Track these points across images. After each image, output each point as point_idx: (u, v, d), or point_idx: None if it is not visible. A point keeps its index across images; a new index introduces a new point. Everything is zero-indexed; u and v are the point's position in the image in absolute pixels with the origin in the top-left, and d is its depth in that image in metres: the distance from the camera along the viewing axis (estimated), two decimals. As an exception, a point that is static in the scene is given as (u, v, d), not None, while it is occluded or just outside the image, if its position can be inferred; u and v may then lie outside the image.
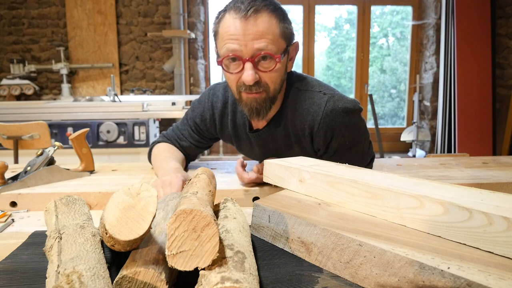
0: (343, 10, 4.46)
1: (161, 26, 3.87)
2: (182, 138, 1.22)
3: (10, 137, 2.19)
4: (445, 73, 3.69)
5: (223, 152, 4.02)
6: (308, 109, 1.00)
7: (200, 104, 1.20)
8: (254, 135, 1.10)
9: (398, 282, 0.47)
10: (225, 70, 0.97)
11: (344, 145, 1.01)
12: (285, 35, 0.95)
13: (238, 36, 0.90)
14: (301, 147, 1.07)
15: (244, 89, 0.95)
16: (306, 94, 1.03)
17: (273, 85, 0.97)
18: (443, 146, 3.75)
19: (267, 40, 0.90)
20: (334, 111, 0.97)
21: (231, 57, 0.93)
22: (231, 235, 0.54)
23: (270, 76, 0.95)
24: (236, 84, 0.97)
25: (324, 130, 0.99)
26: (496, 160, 1.34)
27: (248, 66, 0.92)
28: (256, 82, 0.94)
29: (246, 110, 1.00)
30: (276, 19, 0.92)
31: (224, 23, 0.93)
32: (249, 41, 0.90)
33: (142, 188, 0.51)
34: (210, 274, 0.43)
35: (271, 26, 0.91)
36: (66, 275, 0.41)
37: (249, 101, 0.98)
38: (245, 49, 0.90)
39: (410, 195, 0.56)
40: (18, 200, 0.94)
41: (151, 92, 3.86)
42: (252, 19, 0.89)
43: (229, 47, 0.91)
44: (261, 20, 0.90)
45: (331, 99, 0.98)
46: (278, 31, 0.93)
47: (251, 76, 0.91)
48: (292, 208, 0.66)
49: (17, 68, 3.79)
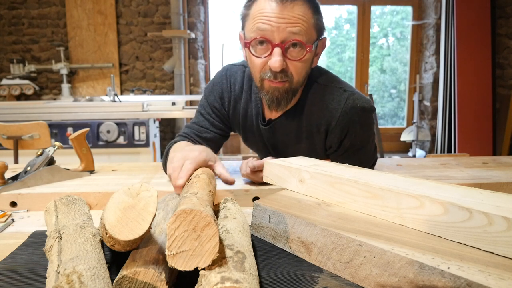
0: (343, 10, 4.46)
1: (161, 26, 3.87)
2: (202, 130, 1.13)
3: (10, 137, 2.19)
4: (445, 73, 3.69)
5: (223, 152, 4.02)
6: (327, 104, 0.99)
7: (216, 86, 1.14)
8: (266, 127, 1.08)
9: (398, 282, 0.47)
10: (252, 53, 0.93)
11: (355, 144, 1.01)
12: (317, 27, 0.93)
13: (271, 17, 0.87)
14: (310, 143, 1.06)
15: (269, 76, 0.92)
16: (326, 89, 1.01)
17: (298, 77, 0.94)
18: (443, 146, 3.75)
19: (301, 26, 0.88)
20: (353, 109, 0.97)
21: (259, 40, 0.90)
22: (231, 235, 0.54)
23: (296, 66, 0.92)
24: (261, 70, 0.94)
25: (340, 127, 0.98)
26: (496, 160, 1.34)
27: (277, 51, 0.88)
28: (282, 70, 0.91)
29: (267, 98, 0.97)
30: (311, 10, 0.90)
31: (258, 4, 0.90)
32: (282, 24, 0.87)
33: (142, 188, 0.51)
34: (210, 274, 0.42)
35: (306, 14, 0.89)
36: (66, 275, 0.41)
37: (271, 89, 0.95)
38: (277, 32, 0.87)
39: (410, 195, 0.56)
40: (18, 200, 0.94)
41: (151, 92, 3.86)
42: (289, 5, 0.87)
43: (260, 26, 0.88)
44: (298, 7, 0.88)
45: (351, 96, 0.98)
46: (312, 21, 0.91)
47: (279, 62, 0.88)
48: (292, 208, 0.66)
49: (17, 68, 3.79)
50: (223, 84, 1.13)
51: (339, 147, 1.02)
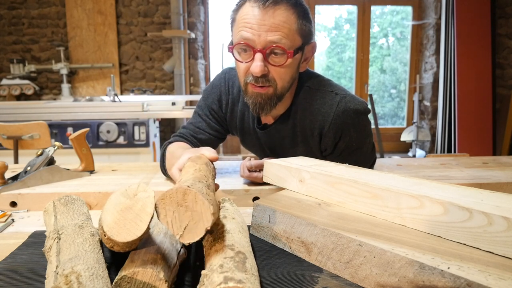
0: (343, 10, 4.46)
1: (161, 26, 3.87)
2: (198, 131, 1.14)
3: (10, 137, 2.19)
4: (445, 73, 3.69)
5: (223, 152, 4.02)
6: (319, 109, 1.00)
7: (215, 89, 1.15)
8: (262, 132, 1.09)
9: (398, 282, 0.47)
10: (236, 58, 0.95)
11: (350, 146, 1.01)
12: (302, 32, 0.93)
13: (253, 25, 0.89)
14: (306, 146, 1.07)
15: (250, 80, 0.94)
16: (317, 93, 1.02)
17: (281, 82, 0.95)
18: (443, 146, 3.75)
19: (281, 33, 0.89)
20: (345, 112, 0.97)
21: (242, 46, 0.92)
22: (231, 235, 0.54)
23: (279, 71, 0.93)
24: (245, 74, 0.95)
25: (334, 131, 0.98)
26: (496, 160, 1.34)
27: (258, 57, 0.90)
28: (264, 75, 0.92)
29: (250, 103, 0.99)
30: (295, 14, 0.90)
31: (242, 10, 0.92)
32: (263, 32, 0.88)
33: (139, 189, 0.51)
34: (212, 274, 0.42)
35: (288, 20, 0.89)
36: (65, 276, 0.41)
37: (254, 95, 0.96)
38: (258, 39, 0.89)
39: (410, 195, 0.56)
40: (18, 200, 0.93)
41: (151, 92, 3.86)
42: (271, 10, 0.87)
43: (243, 34, 0.90)
44: (279, 13, 0.88)
45: (343, 99, 0.98)
46: (295, 27, 0.91)
47: (259, 68, 0.89)
48: (292, 208, 0.66)
49: (17, 68, 3.79)
50: (221, 86, 1.14)
51: (334, 150, 1.03)
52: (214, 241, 0.52)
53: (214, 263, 0.45)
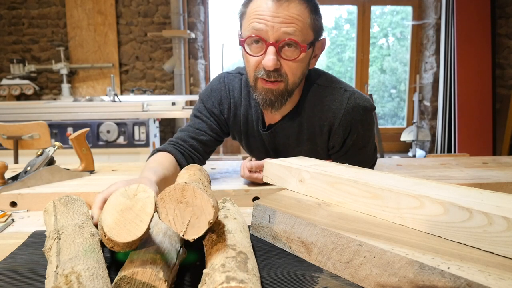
0: (343, 10, 4.46)
1: (161, 26, 3.87)
2: (199, 133, 1.08)
3: (10, 137, 2.19)
4: (445, 73, 3.69)
5: (223, 152, 4.02)
6: (329, 105, 0.99)
7: (214, 93, 1.11)
8: (267, 132, 1.07)
9: (398, 282, 0.47)
10: (246, 51, 0.93)
11: (357, 144, 1.01)
12: (314, 27, 0.92)
13: (266, 16, 0.87)
14: (312, 145, 1.06)
15: (262, 74, 0.91)
16: (326, 90, 1.01)
17: (293, 77, 0.93)
18: (443, 146, 3.75)
19: (296, 26, 0.87)
20: (355, 108, 0.97)
21: (254, 38, 0.90)
22: (232, 235, 0.54)
23: (291, 66, 0.91)
24: (255, 68, 0.93)
25: (344, 127, 0.98)
26: (496, 160, 1.34)
27: (270, 50, 0.88)
28: (276, 69, 0.90)
29: (260, 99, 0.96)
30: (308, 9, 0.89)
31: (254, 3, 0.90)
32: (276, 23, 0.86)
33: (139, 189, 0.51)
34: (214, 273, 0.42)
35: (302, 14, 0.88)
36: (65, 276, 0.41)
37: (264, 91, 0.94)
38: (271, 31, 0.87)
39: (410, 195, 0.56)
40: (18, 200, 0.93)
41: (151, 92, 3.86)
42: (285, 3, 0.86)
43: (255, 26, 0.88)
44: (294, 6, 0.87)
45: (352, 96, 0.98)
46: (309, 21, 0.90)
47: (272, 61, 0.87)
48: (292, 208, 0.66)
49: (17, 68, 3.79)
50: (221, 90, 1.11)
51: (342, 147, 1.03)
52: (216, 240, 0.52)
53: (216, 262, 0.45)
